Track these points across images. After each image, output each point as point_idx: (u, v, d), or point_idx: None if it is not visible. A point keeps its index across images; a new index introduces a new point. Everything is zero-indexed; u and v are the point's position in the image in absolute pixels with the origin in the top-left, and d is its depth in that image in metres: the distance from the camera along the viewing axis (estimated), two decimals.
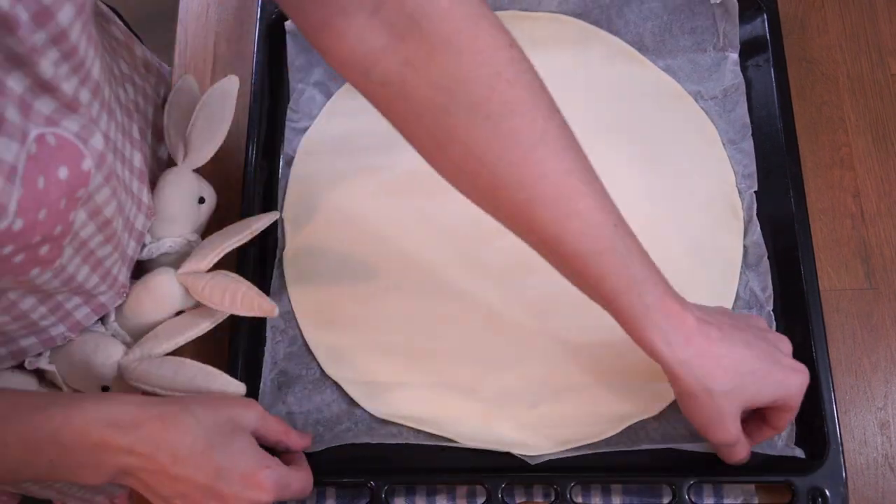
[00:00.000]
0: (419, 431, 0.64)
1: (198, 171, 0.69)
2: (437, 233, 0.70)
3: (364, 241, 0.70)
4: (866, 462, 0.64)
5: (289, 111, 0.74)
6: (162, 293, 0.63)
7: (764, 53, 0.72)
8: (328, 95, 0.75)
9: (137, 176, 0.61)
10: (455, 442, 0.64)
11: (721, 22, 0.73)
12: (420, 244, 0.70)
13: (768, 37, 0.72)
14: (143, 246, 0.65)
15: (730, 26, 0.73)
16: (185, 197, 0.67)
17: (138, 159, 0.62)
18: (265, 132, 0.73)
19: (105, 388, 0.64)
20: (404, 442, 0.63)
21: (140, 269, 0.66)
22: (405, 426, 0.65)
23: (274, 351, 0.67)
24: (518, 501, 0.64)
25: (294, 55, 0.75)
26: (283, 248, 0.70)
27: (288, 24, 0.75)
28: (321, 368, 0.67)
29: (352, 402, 0.66)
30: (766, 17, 0.73)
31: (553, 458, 0.63)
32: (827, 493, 0.60)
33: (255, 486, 0.53)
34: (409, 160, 0.56)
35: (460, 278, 0.68)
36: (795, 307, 0.65)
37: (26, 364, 0.62)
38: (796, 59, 0.75)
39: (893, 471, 0.64)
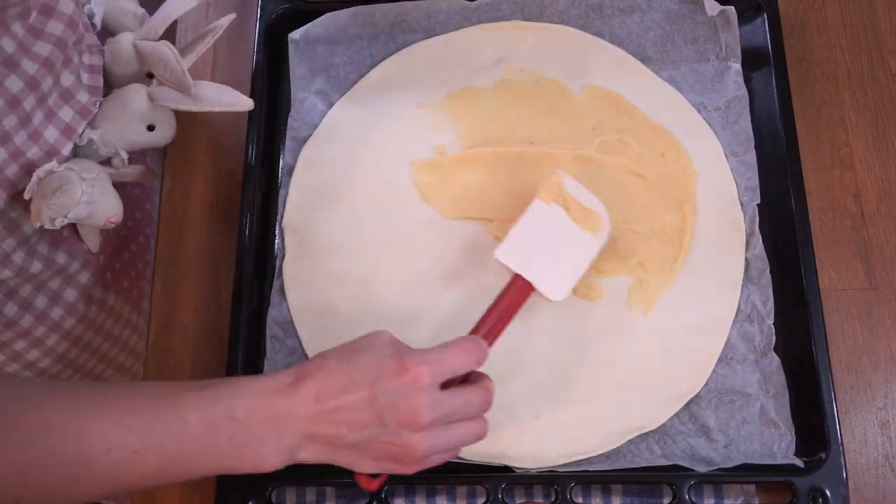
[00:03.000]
0: None
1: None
2: (438, 243, 0.70)
3: (364, 251, 0.70)
4: (867, 462, 0.64)
5: (290, 120, 0.74)
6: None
7: (764, 53, 0.72)
8: (329, 104, 0.75)
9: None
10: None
11: (722, 32, 0.73)
12: (420, 254, 0.70)
13: (768, 37, 0.72)
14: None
15: (730, 36, 0.72)
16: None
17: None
18: (265, 138, 0.73)
19: (151, 128, 0.68)
20: None
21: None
22: None
23: (273, 361, 0.67)
24: (518, 501, 0.64)
25: (296, 64, 0.75)
26: (282, 258, 0.70)
27: (291, 34, 0.75)
28: None
29: None
30: (766, 17, 0.73)
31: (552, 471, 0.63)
32: (827, 493, 0.60)
33: (408, 373, 0.53)
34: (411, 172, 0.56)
35: (461, 288, 0.68)
36: (795, 307, 0.65)
37: (79, 141, 0.66)
38: (796, 58, 0.75)
39: (894, 471, 0.64)
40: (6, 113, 0.61)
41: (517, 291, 0.61)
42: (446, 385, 0.55)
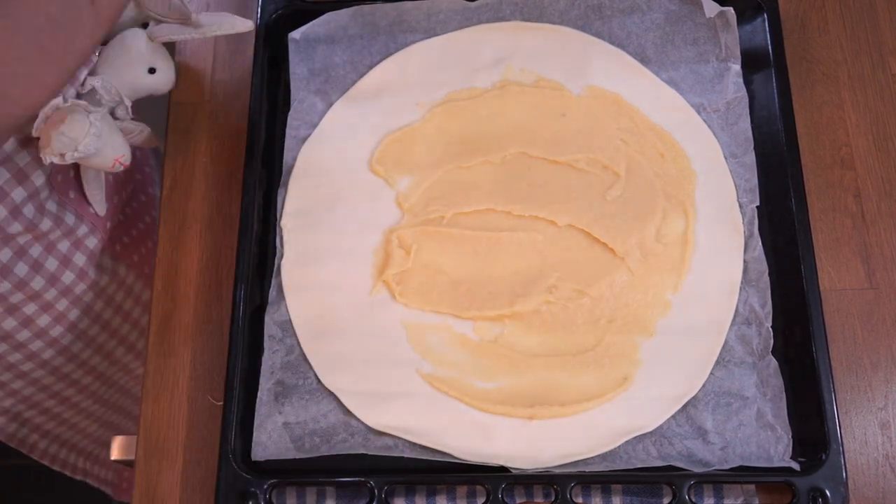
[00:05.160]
0: (414, 444, 0.64)
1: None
2: (435, 243, 0.70)
3: (362, 251, 0.70)
4: (867, 462, 0.64)
5: (289, 119, 0.74)
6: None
7: (764, 53, 0.72)
8: (329, 104, 0.75)
9: None
10: (451, 456, 0.64)
11: (722, 33, 0.73)
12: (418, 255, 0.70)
13: (769, 36, 0.72)
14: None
15: (730, 37, 0.72)
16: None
17: None
18: (265, 138, 0.73)
19: (151, 70, 0.68)
20: (399, 455, 0.63)
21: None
22: (401, 438, 0.64)
23: (271, 361, 0.67)
24: (518, 501, 0.64)
25: (296, 64, 0.75)
26: (281, 257, 0.70)
27: (291, 34, 0.75)
28: (318, 378, 0.67)
29: (348, 413, 0.65)
30: (766, 16, 0.72)
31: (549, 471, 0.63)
32: (827, 493, 0.60)
33: None
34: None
35: (459, 290, 0.68)
36: (795, 307, 0.65)
37: (80, 89, 0.66)
38: (797, 58, 0.75)
39: (894, 471, 0.64)
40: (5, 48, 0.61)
41: None
42: None
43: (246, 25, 0.67)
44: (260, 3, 0.76)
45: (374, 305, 0.69)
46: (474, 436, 0.64)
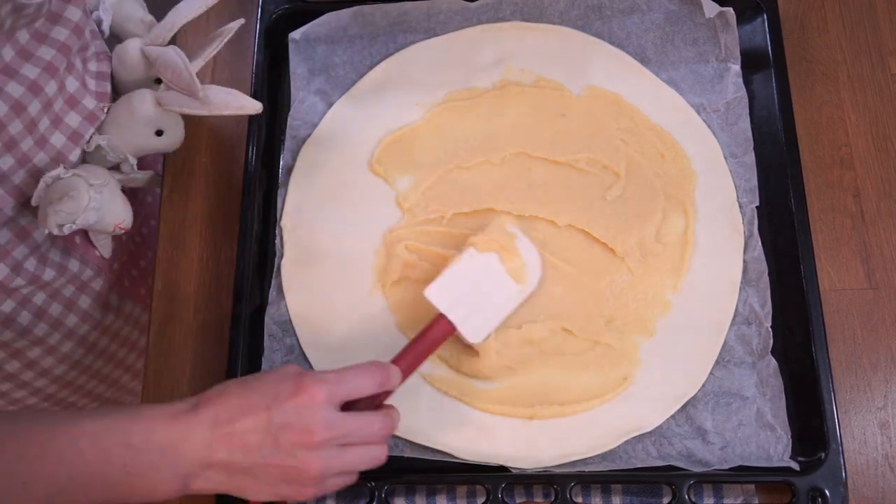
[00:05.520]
0: (414, 444, 0.64)
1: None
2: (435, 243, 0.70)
3: (362, 251, 0.70)
4: (866, 462, 0.64)
5: (289, 119, 0.74)
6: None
7: (764, 53, 0.72)
8: (329, 104, 0.75)
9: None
10: (451, 456, 0.64)
11: (721, 33, 0.73)
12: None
13: (768, 37, 0.72)
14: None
15: (730, 37, 0.72)
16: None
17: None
18: (265, 138, 0.73)
19: (159, 133, 0.68)
20: (399, 455, 0.63)
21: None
22: (401, 438, 0.64)
23: (271, 360, 0.67)
24: (518, 501, 0.64)
25: (296, 64, 0.75)
26: (281, 257, 0.70)
27: (291, 34, 0.75)
28: None
29: None
30: (765, 16, 0.73)
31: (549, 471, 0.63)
32: (827, 493, 0.60)
33: (303, 392, 0.53)
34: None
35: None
36: (795, 307, 0.65)
37: (85, 147, 0.66)
38: (796, 58, 0.75)
39: (893, 471, 0.64)
40: (11, 118, 0.61)
41: (439, 330, 0.62)
42: (349, 409, 0.55)
43: (255, 108, 0.66)
44: (260, 3, 0.76)
45: (373, 305, 0.69)
46: (474, 436, 0.64)
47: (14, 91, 0.61)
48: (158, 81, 0.69)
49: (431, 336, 0.62)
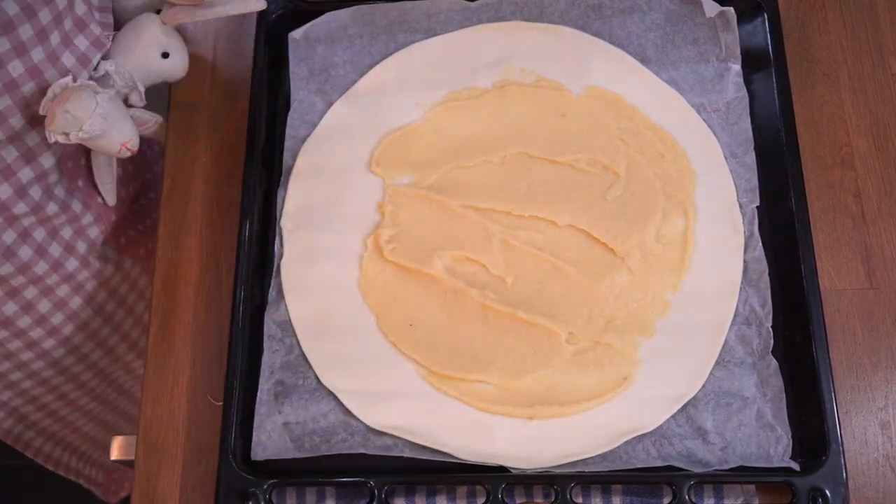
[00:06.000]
0: (414, 444, 0.64)
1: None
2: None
3: (362, 251, 0.70)
4: (867, 462, 0.64)
5: (289, 119, 0.74)
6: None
7: (765, 53, 0.72)
8: (329, 104, 0.75)
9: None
10: (451, 456, 0.63)
11: (722, 33, 0.73)
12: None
13: (769, 37, 0.72)
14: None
15: (730, 37, 0.72)
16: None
17: None
18: (265, 137, 0.73)
19: (165, 55, 0.69)
20: (399, 455, 0.63)
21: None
22: (401, 438, 0.64)
23: (271, 360, 0.67)
24: (518, 501, 0.64)
25: (295, 64, 0.75)
26: (281, 257, 0.70)
27: (291, 34, 0.75)
28: (317, 378, 0.67)
29: (347, 413, 0.65)
30: (766, 16, 0.72)
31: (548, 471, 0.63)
32: (827, 493, 0.60)
33: None
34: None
35: (457, 289, 0.68)
36: (796, 307, 0.65)
37: (94, 73, 0.66)
38: (797, 58, 0.75)
39: (894, 471, 0.64)
40: (22, 21, 0.60)
41: None
42: None
43: (259, 4, 0.67)
44: None
45: (374, 304, 0.68)
46: (474, 436, 0.64)
47: None
48: (157, 12, 0.70)
49: None
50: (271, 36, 0.76)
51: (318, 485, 0.65)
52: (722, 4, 0.72)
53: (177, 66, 0.71)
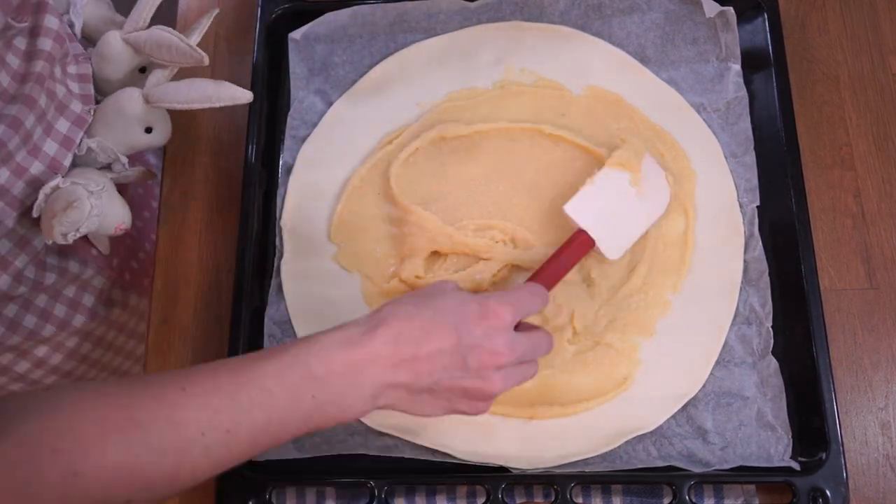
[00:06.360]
0: (414, 445, 0.64)
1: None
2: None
3: (362, 250, 0.70)
4: (867, 462, 0.64)
5: (289, 119, 0.74)
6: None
7: (765, 53, 0.72)
8: (328, 104, 0.75)
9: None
10: (451, 456, 0.63)
11: (722, 33, 0.72)
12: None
13: (769, 36, 0.72)
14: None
15: (730, 37, 0.72)
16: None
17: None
18: (264, 137, 0.73)
19: (148, 130, 0.68)
20: (399, 455, 0.63)
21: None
22: (401, 438, 0.64)
23: None
24: (518, 502, 0.64)
25: (295, 63, 0.75)
26: (281, 257, 0.70)
27: (291, 34, 0.75)
28: None
29: None
30: (766, 16, 0.72)
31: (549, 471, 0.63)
32: (828, 493, 0.60)
33: (491, 314, 0.54)
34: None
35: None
36: (796, 307, 0.65)
37: (77, 150, 0.66)
38: (797, 58, 0.75)
39: (894, 471, 0.64)
40: (9, 136, 0.62)
41: (578, 245, 0.64)
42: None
43: (246, 96, 0.66)
44: (260, 3, 0.76)
45: (374, 304, 0.68)
46: (474, 436, 0.64)
47: (11, 110, 0.61)
48: (142, 71, 0.69)
49: (570, 252, 0.63)
50: (271, 36, 0.76)
51: (318, 485, 0.65)
52: (722, 4, 0.72)
53: (160, 138, 0.71)
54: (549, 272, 0.62)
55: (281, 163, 0.74)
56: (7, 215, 0.64)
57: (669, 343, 0.66)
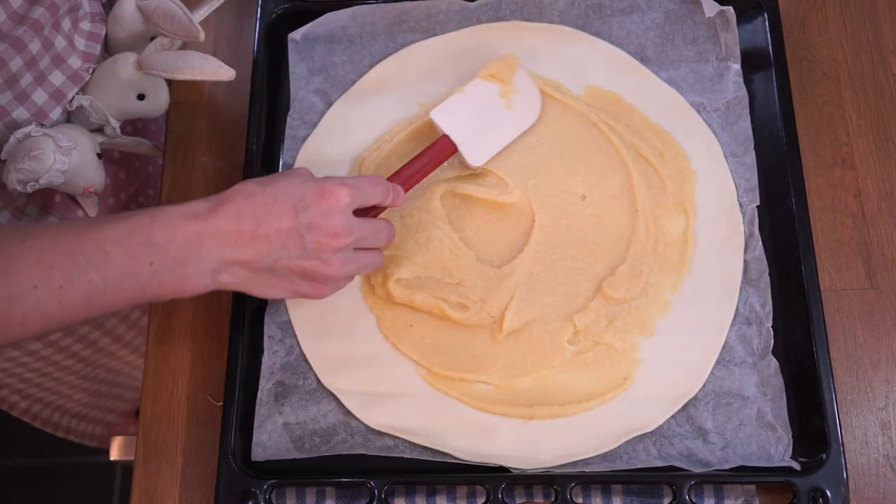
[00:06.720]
0: (414, 445, 0.64)
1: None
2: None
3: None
4: (867, 462, 0.64)
5: (289, 119, 0.74)
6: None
7: (765, 52, 0.72)
8: (328, 104, 0.75)
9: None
10: (451, 456, 0.63)
11: (722, 32, 0.72)
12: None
13: (769, 36, 0.72)
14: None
15: (730, 36, 0.72)
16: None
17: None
18: (264, 137, 0.73)
19: (140, 97, 0.69)
20: (399, 455, 0.63)
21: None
22: (401, 438, 0.64)
23: (271, 361, 0.67)
24: (518, 502, 0.64)
25: (295, 63, 0.75)
26: None
27: (290, 34, 0.75)
28: (318, 379, 0.67)
29: (348, 413, 0.65)
30: (766, 16, 0.72)
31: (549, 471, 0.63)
32: (828, 493, 0.60)
33: (328, 194, 0.56)
34: None
35: (457, 290, 0.68)
36: (796, 307, 0.65)
37: (69, 106, 0.66)
38: (797, 58, 0.75)
39: (894, 471, 0.64)
40: None
41: (439, 149, 0.67)
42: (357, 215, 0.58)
43: (227, 74, 0.66)
44: (260, 3, 0.76)
45: (373, 305, 0.68)
46: (474, 436, 0.64)
47: None
48: (152, 39, 0.69)
49: (432, 154, 0.67)
50: (271, 36, 0.76)
51: (318, 485, 0.65)
52: (722, 4, 0.72)
53: (153, 107, 0.71)
54: (407, 173, 0.65)
55: (281, 163, 0.74)
56: None
57: (669, 343, 0.66)
